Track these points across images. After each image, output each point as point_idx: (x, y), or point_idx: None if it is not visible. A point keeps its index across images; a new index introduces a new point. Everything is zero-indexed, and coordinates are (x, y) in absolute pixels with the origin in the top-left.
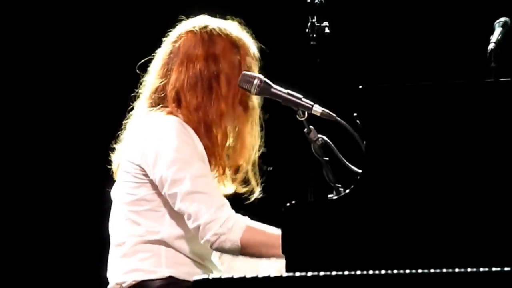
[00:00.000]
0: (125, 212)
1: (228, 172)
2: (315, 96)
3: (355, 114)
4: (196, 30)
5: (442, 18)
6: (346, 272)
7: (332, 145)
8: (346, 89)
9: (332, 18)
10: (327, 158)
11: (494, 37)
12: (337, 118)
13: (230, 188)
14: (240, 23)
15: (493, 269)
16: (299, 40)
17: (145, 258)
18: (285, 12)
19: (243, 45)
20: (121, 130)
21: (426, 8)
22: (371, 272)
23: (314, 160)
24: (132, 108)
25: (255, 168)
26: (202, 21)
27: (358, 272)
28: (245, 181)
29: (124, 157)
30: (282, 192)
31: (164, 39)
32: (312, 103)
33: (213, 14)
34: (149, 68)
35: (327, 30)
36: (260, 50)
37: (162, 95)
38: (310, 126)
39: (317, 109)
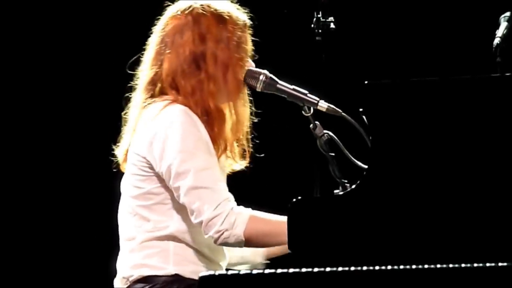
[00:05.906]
0: (133, 206)
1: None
2: (320, 91)
3: (360, 110)
4: (179, 14)
5: (448, 13)
6: (352, 268)
7: (338, 140)
8: (352, 85)
9: (337, 14)
10: (333, 154)
11: (500, 31)
12: (343, 113)
13: (240, 164)
14: None
15: (500, 264)
16: (305, 36)
17: (152, 254)
18: (290, 7)
19: (229, 19)
20: (121, 123)
21: (432, 3)
22: (377, 267)
23: (320, 156)
24: (129, 100)
25: (248, 139)
26: (185, 3)
27: (364, 268)
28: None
29: (131, 149)
30: (288, 188)
31: (153, 28)
32: (317, 99)
33: None
34: (142, 60)
35: (332, 25)
36: (266, 46)
37: (159, 85)
38: (316, 122)
39: (323, 105)
